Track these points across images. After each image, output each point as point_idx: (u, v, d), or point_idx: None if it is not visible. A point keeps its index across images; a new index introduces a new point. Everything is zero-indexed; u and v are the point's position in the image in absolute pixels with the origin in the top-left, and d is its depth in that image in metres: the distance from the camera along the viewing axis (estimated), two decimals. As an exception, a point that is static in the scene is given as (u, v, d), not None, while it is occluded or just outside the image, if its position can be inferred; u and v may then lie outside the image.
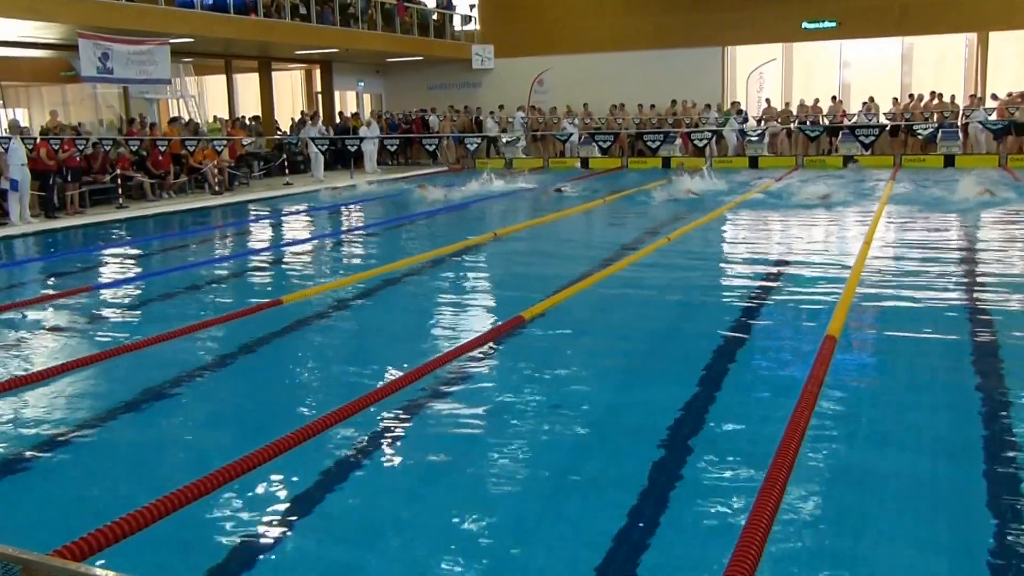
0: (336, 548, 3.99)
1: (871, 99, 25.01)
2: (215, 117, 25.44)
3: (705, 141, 23.18)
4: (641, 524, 4.04)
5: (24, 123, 22.35)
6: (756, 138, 24.14)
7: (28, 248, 13.46)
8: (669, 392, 5.81)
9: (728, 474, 4.52)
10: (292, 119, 27.47)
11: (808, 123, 24.78)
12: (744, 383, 6.11)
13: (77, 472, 4.95)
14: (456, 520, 4.12)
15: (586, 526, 4.06)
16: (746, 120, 25.59)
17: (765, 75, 27.65)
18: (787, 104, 26.35)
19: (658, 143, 21.87)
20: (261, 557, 3.89)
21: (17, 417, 5.72)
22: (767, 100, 26.44)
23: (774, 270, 9.83)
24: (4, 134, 16.29)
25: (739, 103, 26.55)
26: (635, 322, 7.91)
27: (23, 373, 6.54)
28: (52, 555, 3.18)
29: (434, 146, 23.92)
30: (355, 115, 28.54)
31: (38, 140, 16.83)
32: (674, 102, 26.49)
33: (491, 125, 27.40)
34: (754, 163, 23.82)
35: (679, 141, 24.96)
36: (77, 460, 5.10)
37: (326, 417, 5.11)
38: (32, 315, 8.69)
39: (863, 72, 27.47)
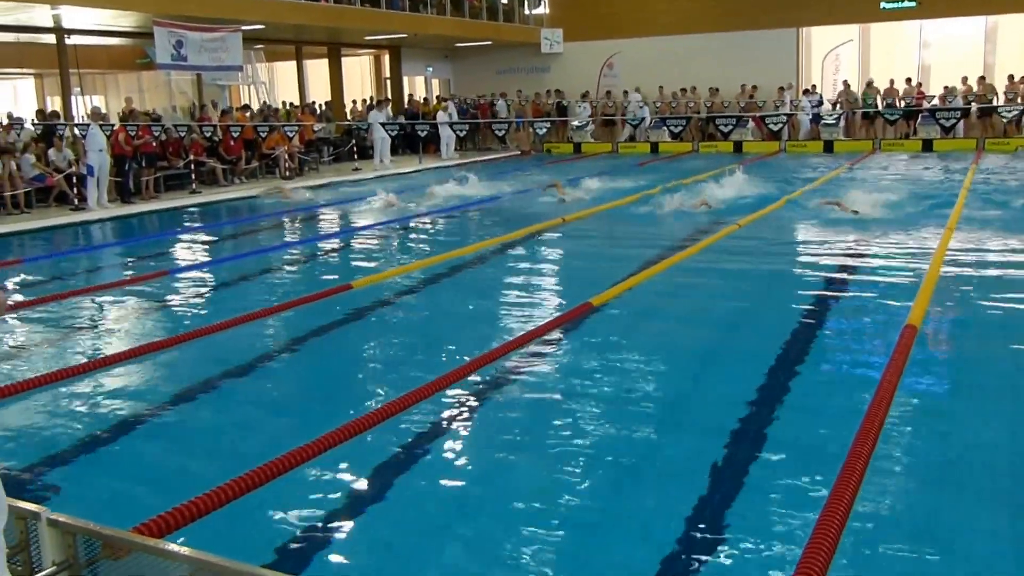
0: (404, 532, 3.97)
1: (963, 79, 23.99)
2: (284, 103, 25.72)
3: (780, 125, 22.58)
4: (709, 515, 3.96)
5: (102, 110, 22.86)
6: (832, 122, 23.44)
7: (105, 233, 13.76)
8: (741, 380, 5.67)
9: (801, 465, 4.38)
10: (353, 101, 27.52)
11: (885, 105, 24.01)
12: (819, 372, 5.93)
13: (155, 452, 5.04)
14: (523, 507, 4.10)
15: (652, 516, 4.01)
16: (821, 103, 24.85)
17: (841, 57, 26.80)
18: (868, 84, 25.44)
19: (730, 127, 21.39)
20: (330, 539, 3.90)
21: (97, 398, 5.85)
22: (844, 82, 25.64)
23: (851, 258, 9.53)
24: (83, 121, 16.64)
25: (814, 86, 25.84)
26: (706, 310, 7.73)
27: (102, 355, 6.69)
28: (132, 531, 3.30)
29: (503, 131, 23.77)
30: (425, 100, 28.55)
31: (116, 126, 17.18)
32: (743, 87, 25.83)
33: (582, 109, 26.99)
34: (829, 147, 23.17)
35: (752, 125, 24.40)
36: (155, 440, 5.20)
37: (396, 401, 5.18)
38: (110, 299, 8.86)
39: (944, 53, 26.47)
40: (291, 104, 24.89)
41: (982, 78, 24.18)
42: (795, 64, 26.66)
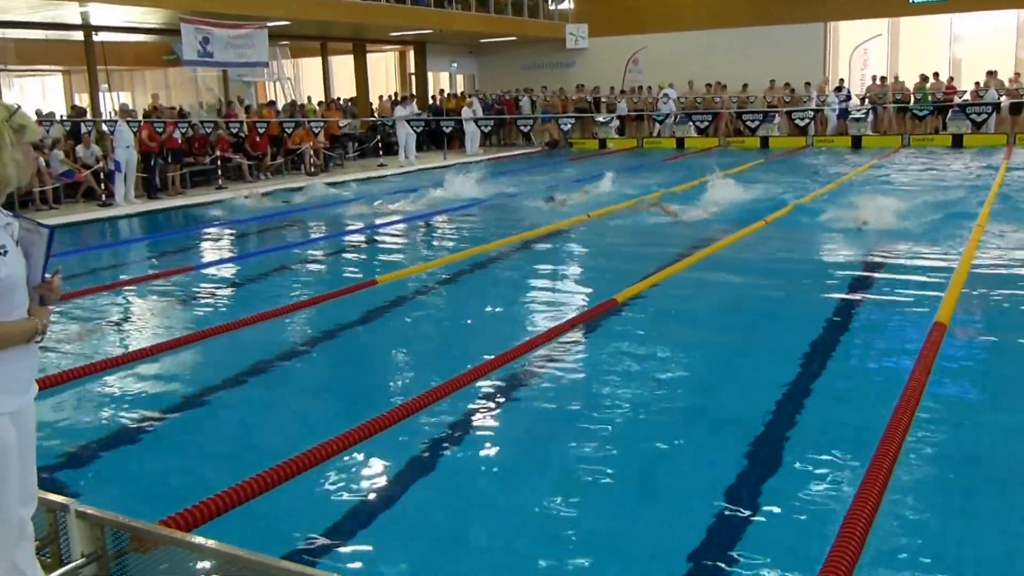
0: (424, 530, 3.97)
1: (993, 73, 23.60)
2: (309, 99, 25.82)
3: (807, 120, 22.34)
4: (738, 509, 3.94)
5: (129, 107, 23.05)
6: (861, 116, 23.17)
7: (132, 228, 13.85)
8: (769, 375, 5.64)
9: (829, 461, 4.34)
10: (380, 97, 27.53)
11: (913, 101, 23.72)
12: (847, 368, 5.88)
13: (182, 446, 5.07)
14: (549, 501, 4.08)
15: (681, 510, 3.98)
16: (849, 98, 24.58)
17: (870, 51, 26.51)
18: (895, 79, 25.15)
19: (757, 122, 21.19)
20: (353, 534, 3.90)
21: (125, 392, 5.89)
22: (872, 77, 25.35)
23: (880, 253, 9.40)
24: (110, 117, 16.79)
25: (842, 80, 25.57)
26: (734, 305, 7.67)
27: (130, 350, 6.73)
28: (160, 524, 3.33)
29: (528, 127, 23.72)
30: (451, 96, 28.54)
31: (142, 122, 17.31)
32: (772, 83, 25.59)
33: (622, 107, 26.79)
34: (857, 143, 22.93)
35: (779, 120, 24.19)
36: (182, 434, 5.23)
37: (421, 397, 5.16)
38: (137, 294, 8.92)
39: (975, 47, 26.11)
40: (318, 102, 24.92)
41: (1017, 74, 23.83)
42: (822, 59, 26.40)
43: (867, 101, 24.41)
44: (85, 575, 3.22)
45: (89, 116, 19.29)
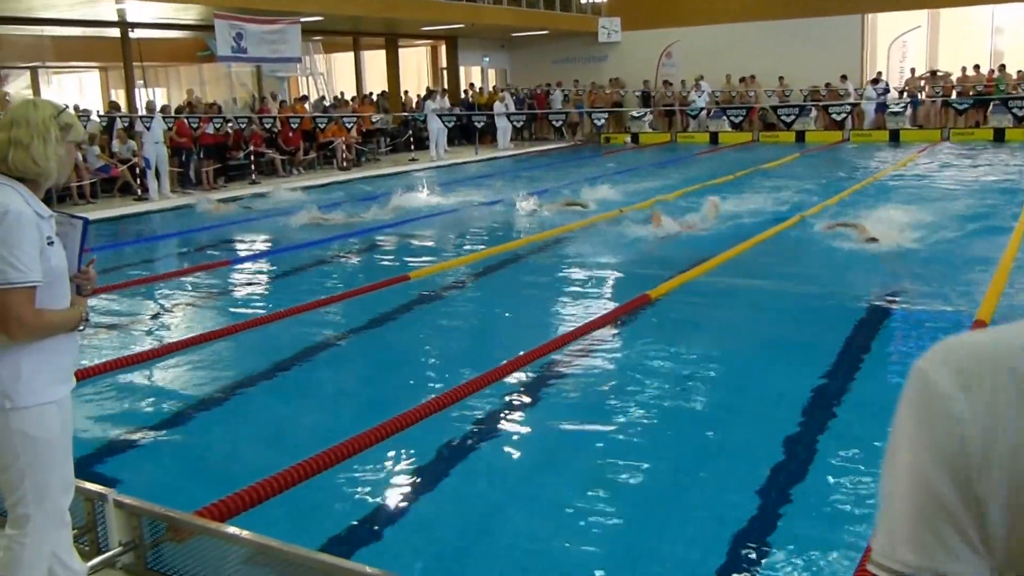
0: (458, 521, 3.98)
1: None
2: (341, 94, 25.87)
3: (844, 114, 21.96)
4: (770, 507, 3.88)
5: (163, 102, 23.26)
6: (899, 110, 22.77)
7: (167, 223, 13.92)
8: (802, 373, 5.55)
9: (862, 460, 4.25)
10: (406, 92, 27.48)
11: (955, 94, 23.29)
12: (883, 367, 5.72)
13: (216, 437, 5.13)
14: (580, 498, 4.04)
15: (713, 506, 3.92)
16: (887, 91, 24.16)
17: (908, 44, 26.07)
18: (932, 73, 24.70)
19: (793, 116, 20.84)
20: (384, 529, 3.91)
21: (161, 384, 5.97)
22: (911, 70, 24.91)
23: (920, 250, 9.15)
24: (145, 113, 16.94)
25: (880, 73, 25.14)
26: (768, 301, 7.52)
27: (165, 343, 6.81)
28: (195, 514, 3.38)
29: (560, 122, 23.57)
30: (480, 90, 28.47)
31: (176, 119, 17.43)
32: (809, 77, 25.12)
33: (695, 96, 26.07)
34: (895, 137, 22.54)
35: (815, 114, 23.84)
36: (216, 426, 5.28)
37: (452, 392, 5.16)
38: (172, 288, 8.98)
39: (1018, 38, 25.58)
40: (351, 97, 24.94)
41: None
42: (860, 52, 25.97)
43: (906, 94, 23.98)
44: (123, 563, 3.29)
45: (125, 112, 19.46)
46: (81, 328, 2.77)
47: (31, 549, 2.68)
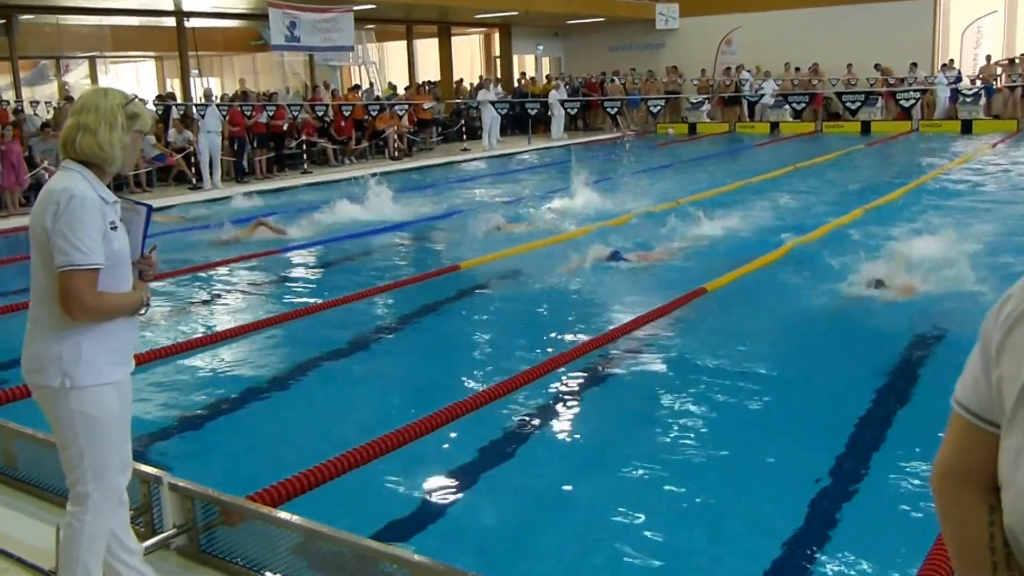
0: (508, 511, 4.01)
1: None
2: (390, 84, 25.74)
3: (912, 102, 21.01)
4: (823, 512, 3.79)
5: (217, 91, 23.37)
6: (971, 98, 21.83)
7: (221, 211, 13.80)
8: (859, 375, 5.38)
9: (920, 468, 4.05)
10: (459, 81, 27.21)
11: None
12: (944, 374, 5.24)
13: (269, 423, 5.21)
14: (629, 495, 4.01)
15: (764, 510, 3.85)
16: (959, 79, 23.20)
17: (983, 29, 25.02)
18: (1010, 60, 23.63)
19: (859, 103, 19.99)
20: (434, 518, 3.95)
21: (214, 370, 6.10)
22: (987, 57, 23.88)
23: (988, 253, 8.34)
24: (200, 102, 16.96)
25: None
26: (826, 298, 7.09)
27: (219, 329, 6.94)
28: (247, 499, 3.47)
29: (615, 109, 23.16)
30: (533, 79, 28.11)
31: (230, 107, 17.41)
32: (877, 66, 24.20)
33: (756, 84, 25.27)
34: (967, 127, 21.61)
35: (881, 102, 23.02)
36: (269, 412, 5.37)
37: (503, 383, 5.15)
38: (225, 275, 9.06)
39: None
40: (404, 87, 24.76)
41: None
42: (931, 38, 24.95)
43: (979, 82, 22.94)
44: (176, 545, 3.41)
45: (180, 101, 19.53)
46: (142, 312, 2.85)
47: (90, 526, 2.77)
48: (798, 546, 3.56)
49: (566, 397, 5.27)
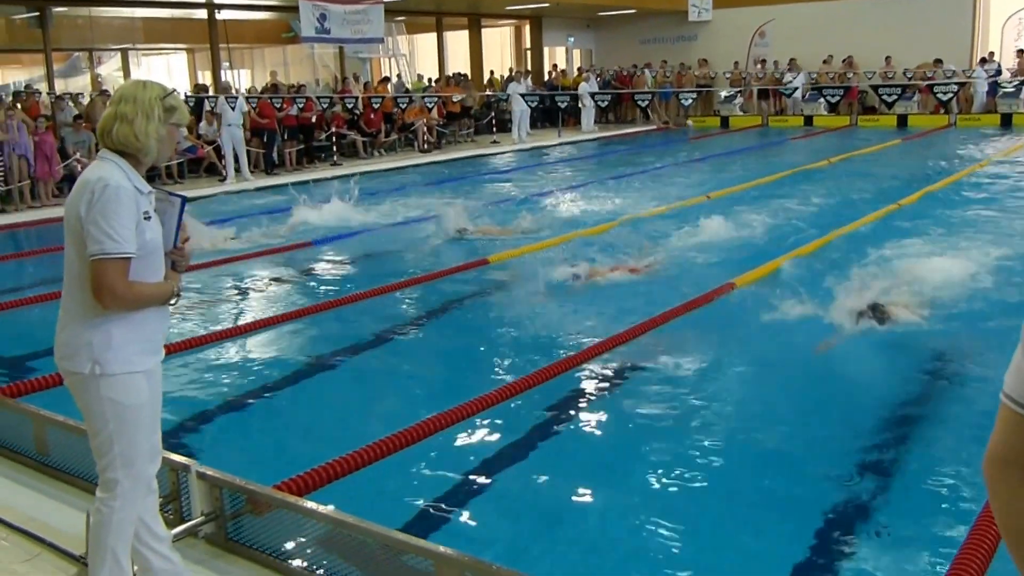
0: (531, 505, 4.01)
1: None
2: (420, 76, 25.70)
3: (950, 95, 20.54)
4: (848, 520, 3.73)
5: (248, 84, 23.48)
6: (1011, 91, 21.34)
7: (251, 203, 13.86)
8: (888, 378, 5.33)
9: (950, 477, 4.02)
10: (490, 73, 27.13)
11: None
12: (977, 385, 5.17)
13: (296, 414, 5.23)
14: (650, 495, 3.97)
15: (787, 514, 3.82)
16: (999, 72, 22.65)
17: (1025, 21, 24.43)
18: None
19: (895, 96, 19.50)
20: (459, 511, 3.93)
21: (243, 361, 6.17)
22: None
23: None
24: (221, 95, 17.01)
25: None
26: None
27: (248, 321, 7.03)
28: (274, 488, 3.50)
29: (646, 102, 22.94)
30: (564, 72, 27.97)
31: (259, 99, 17.49)
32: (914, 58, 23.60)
33: (789, 77, 24.64)
34: (1007, 121, 21.13)
35: (918, 96, 22.61)
36: (294, 404, 5.40)
37: (527, 378, 5.12)
38: (256, 267, 9.13)
39: None
40: (435, 79, 24.74)
41: None
42: (971, 31, 24.41)
43: (1019, 75, 22.42)
44: (204, 532, 3.44)
45: (212, 93, 19.64)
46: (173, 302, 2.87)
47: (119, 512, 2.79)
48: (822, 549, 3.54)
49: (588, 393, 5.27)
